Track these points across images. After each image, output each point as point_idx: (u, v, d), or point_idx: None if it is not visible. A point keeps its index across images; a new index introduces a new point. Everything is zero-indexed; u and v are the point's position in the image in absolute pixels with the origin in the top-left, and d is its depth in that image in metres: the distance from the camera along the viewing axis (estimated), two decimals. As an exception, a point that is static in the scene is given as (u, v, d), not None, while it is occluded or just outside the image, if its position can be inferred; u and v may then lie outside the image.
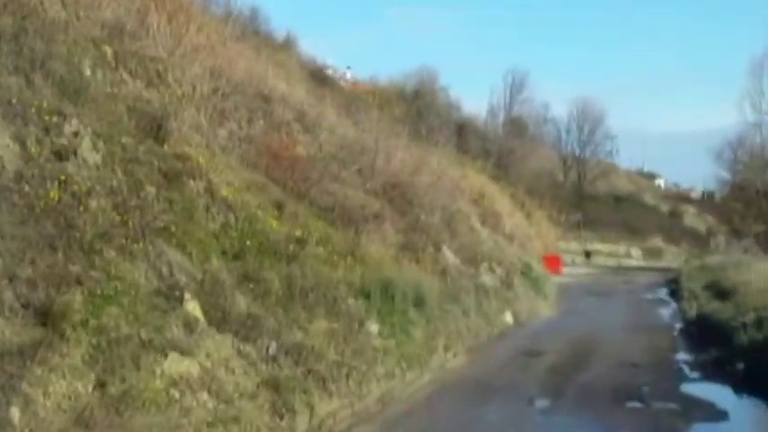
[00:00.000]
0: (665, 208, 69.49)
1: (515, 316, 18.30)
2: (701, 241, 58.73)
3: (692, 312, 18.44)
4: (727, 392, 10.30)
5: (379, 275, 12.54)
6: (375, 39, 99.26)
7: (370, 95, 30.68)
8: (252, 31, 23.06)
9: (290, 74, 21.69)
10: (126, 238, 7.69)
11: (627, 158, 76.80)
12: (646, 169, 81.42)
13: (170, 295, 7.73)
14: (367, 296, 11.63)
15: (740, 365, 10.56)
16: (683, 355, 13.31)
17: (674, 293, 24.96)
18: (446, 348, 12.60)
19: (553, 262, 31.42)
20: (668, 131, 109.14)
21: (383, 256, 14.43)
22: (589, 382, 10.76)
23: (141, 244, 7.86)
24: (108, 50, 10.68)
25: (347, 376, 9.31)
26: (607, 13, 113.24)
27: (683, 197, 75.72)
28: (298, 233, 11.51)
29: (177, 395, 6.67)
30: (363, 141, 18.60)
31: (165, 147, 10.00)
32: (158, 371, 6.69)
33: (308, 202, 13.37)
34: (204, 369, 7.22)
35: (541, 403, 9.70)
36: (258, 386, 7.66)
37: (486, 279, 18.96)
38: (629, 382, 10.59)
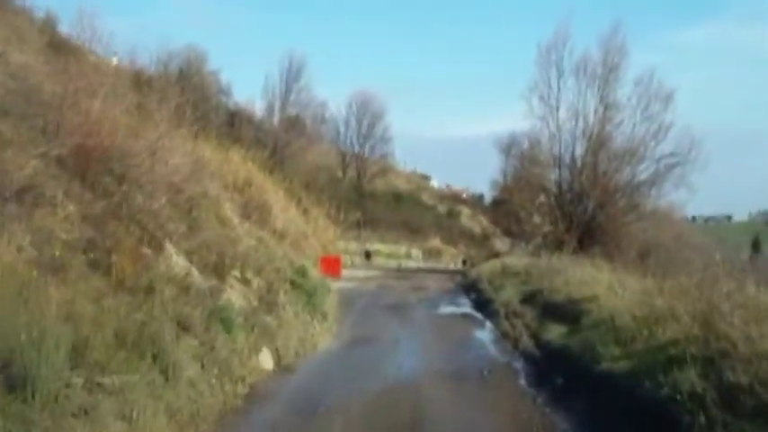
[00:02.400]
0: (442, 208, 68.62)
1: (278, 355, 11.52)
2: (476, 242, 58.40)
3: (527, 341, 13.04)
4: None
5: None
6: (155, 25, 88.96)
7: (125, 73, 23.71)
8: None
9: (23, 39, 15.96)
10: None
11: (403, 160, 75.32)
12: (419, 170, 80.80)
13: None
14: None
15: None
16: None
17: (481, 306, 19.84)
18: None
19: (332, 264, 26.94)
20: (463, 135, 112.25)
21: (18, 264, 7.15)
22: None
23: None
24: None
25: None
26: (402, 14, 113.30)
27: (457, 198, 75.81)
28: None
29: None
30: (58, 93, 11.49)
31: None
32: None
33: None
34: None
35: None
36: None
37: (234, 297, 11.92)
38: None
